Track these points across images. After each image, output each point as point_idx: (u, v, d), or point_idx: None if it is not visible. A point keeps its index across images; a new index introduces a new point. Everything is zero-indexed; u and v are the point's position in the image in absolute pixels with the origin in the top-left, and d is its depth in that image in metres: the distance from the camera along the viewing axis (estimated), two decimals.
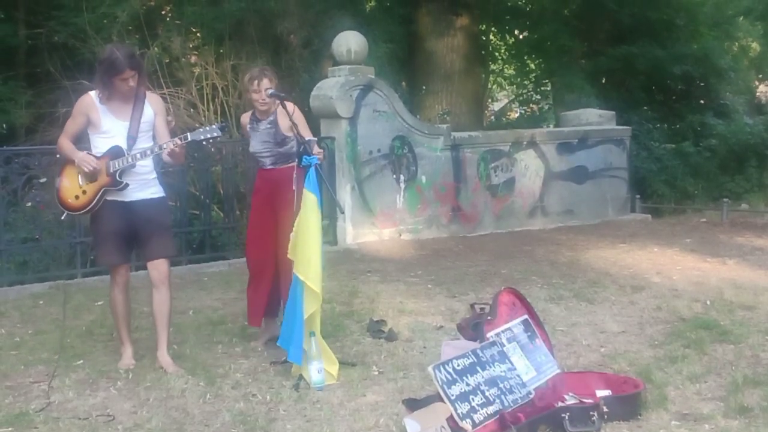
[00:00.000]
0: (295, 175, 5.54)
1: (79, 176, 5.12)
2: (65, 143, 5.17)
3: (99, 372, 5.15)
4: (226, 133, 5.48)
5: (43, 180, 8.12)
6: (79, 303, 6.92)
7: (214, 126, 5.27)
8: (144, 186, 5.21)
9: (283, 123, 5.68)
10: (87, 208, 5.15)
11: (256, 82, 5.63)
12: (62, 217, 5.62)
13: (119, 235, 5.19)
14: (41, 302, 7.08)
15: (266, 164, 5.83)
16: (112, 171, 5.05)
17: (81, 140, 5.26)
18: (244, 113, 6.16)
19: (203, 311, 6.72)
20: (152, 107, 5.24)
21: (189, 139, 5.14)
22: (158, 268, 5.26)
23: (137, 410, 4.52)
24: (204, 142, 5.40)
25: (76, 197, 5.14)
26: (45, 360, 5.42)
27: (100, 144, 5.13)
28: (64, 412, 4.49)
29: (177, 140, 5.11)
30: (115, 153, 5.08)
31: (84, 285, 7.55)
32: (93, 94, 5.14)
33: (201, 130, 5.26)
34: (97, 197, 5.10)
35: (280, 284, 5.70)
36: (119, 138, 5.11)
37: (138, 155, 5.08)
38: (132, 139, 5.12)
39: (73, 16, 12.07)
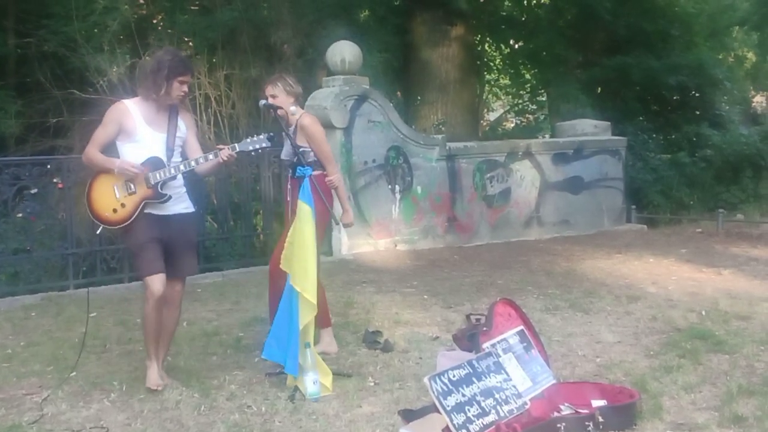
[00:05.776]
0: (289, 186, 5.50)
1: (116, 188, 4.86)
2: (96, 154, 4.89)
3: (92, 384, 5.12)
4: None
5: (33, 191, 8.09)
6: (71, 315, 6.89)
7: (262, 136, 5.05)
8: (179, 200, 5.03)
9: (300, 136, 5.59)
10: (127, 222, 4.86)
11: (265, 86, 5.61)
12: (97, 231, 5.22)
13: (160, 244, 4.91)
14: (33, 314, 7.05)
15: (290, 173, 5.70)
16: (153, 183, 4.85)
17: (107, 152, 4.98)
18: None
19: (197, 322, 6.68)
20: (185, 122, 5.08)
21: (237, 149, 4.97)
22: (179, 285, 5.08)
23: (131, 422, 4.49)
24: (252, 153, 5.21)
25: (114, 210, 4.86)
26: (37, 372, 5.40)
27: (133, 154, 4.88)
28: (57, 425, 4.47)
29: (227, 149, 4.92)
30: (156, 164, 4.86)
31: (76, 296, 7.51)
32: (127, 102, 4.96)
33: (248, 140, 5.05)
34: (138, 210, 4.86)
35: None
36: (155, 149, 4.90)
37: (181, 167, 4.90)
38: (170, 151, 4.92)
39: (63, 25, 11.92)
